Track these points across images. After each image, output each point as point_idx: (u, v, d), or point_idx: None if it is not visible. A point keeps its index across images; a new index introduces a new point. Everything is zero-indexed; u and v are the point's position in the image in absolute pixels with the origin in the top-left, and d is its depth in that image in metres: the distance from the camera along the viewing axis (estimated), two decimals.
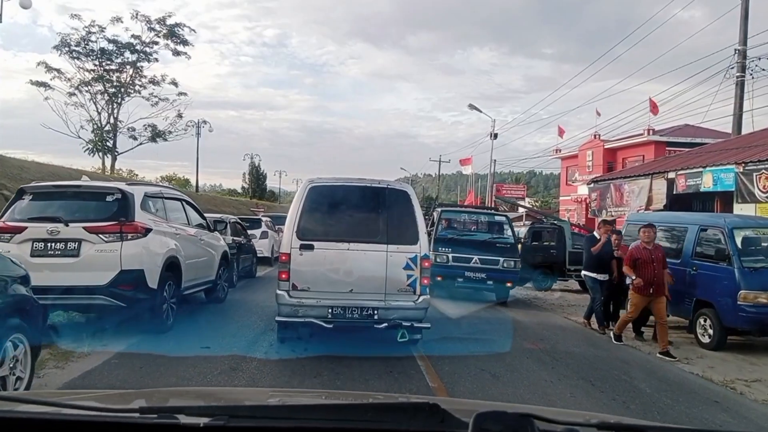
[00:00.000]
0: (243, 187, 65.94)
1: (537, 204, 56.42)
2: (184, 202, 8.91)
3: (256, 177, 67.34)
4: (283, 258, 6.48)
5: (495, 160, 35.54)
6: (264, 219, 20.43)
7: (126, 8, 40.90)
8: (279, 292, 6.42)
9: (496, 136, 34.22)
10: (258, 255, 16.97)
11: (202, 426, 1.26)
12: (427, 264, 6.58)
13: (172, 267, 7.52)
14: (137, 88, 36.40)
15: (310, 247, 6.41)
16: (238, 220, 14.89)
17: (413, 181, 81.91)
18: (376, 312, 6.37)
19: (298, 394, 3.35)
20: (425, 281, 6.55)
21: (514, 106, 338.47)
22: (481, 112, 34.10)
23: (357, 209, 6.79)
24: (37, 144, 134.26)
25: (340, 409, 1.57)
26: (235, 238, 13.49)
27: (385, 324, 6.35)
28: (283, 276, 6.42)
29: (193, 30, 37.32)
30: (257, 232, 18.11)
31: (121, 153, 36.60)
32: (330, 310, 6.33)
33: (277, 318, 6.52)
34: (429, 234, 10.67)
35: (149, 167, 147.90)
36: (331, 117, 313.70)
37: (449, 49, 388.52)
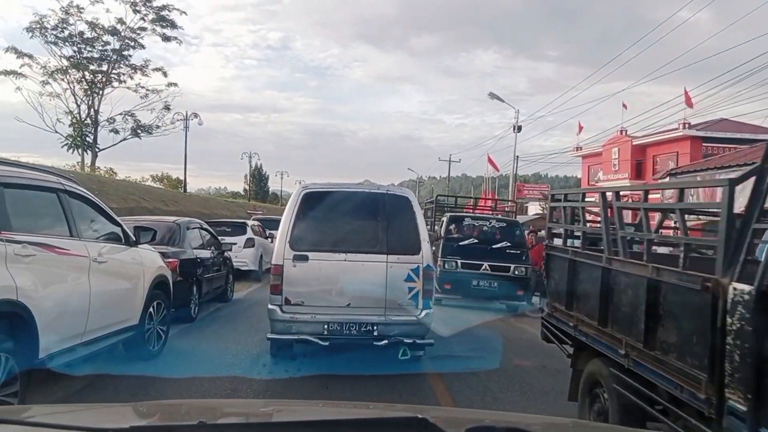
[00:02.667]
0: (245, 189, 63.83)
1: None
2: (64, 197, 4.94)
3: (258, 179, 64.81)
4: (276, 270, 6.09)
5: (518, 156, 31.84)
6: (251, 223, 16.72)
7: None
8: (271, 306, 6.07)
9: (520, 128, 30.60)
10: (240, 268, 13.62)
11: None
12: (430, 275, 6.19)
13: (8, 321, 3.83)
14: (122, 77, 33.06)
15: (305, 258, 6.05)
16: (203, 225, 10.71)
17: (419, 183, 78.56)
18: (375, 328, 6.02)
19: (291, 406, 2.90)
20: (428, 294, 6.18)
21: (519, 108, 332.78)
22: (502, 101, 30.58)
23: (354, 217, 6.43)
24: (36, 146, 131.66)
25: (330, 424, 1.55)
26: (198, 251, 9.76)
27: (386, 341, 5.98)
28: (276, 289, 6.05)
29: (184, 12, 34.04)
30: (240, 240, 14.56)
31: (103, 149, 33.25)
32: (326, 326, 6.00)
33: (269, 335, 6.18)
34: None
35: (151, 169, 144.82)
36: (335, 120, 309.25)
37: (453, 51, 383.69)
